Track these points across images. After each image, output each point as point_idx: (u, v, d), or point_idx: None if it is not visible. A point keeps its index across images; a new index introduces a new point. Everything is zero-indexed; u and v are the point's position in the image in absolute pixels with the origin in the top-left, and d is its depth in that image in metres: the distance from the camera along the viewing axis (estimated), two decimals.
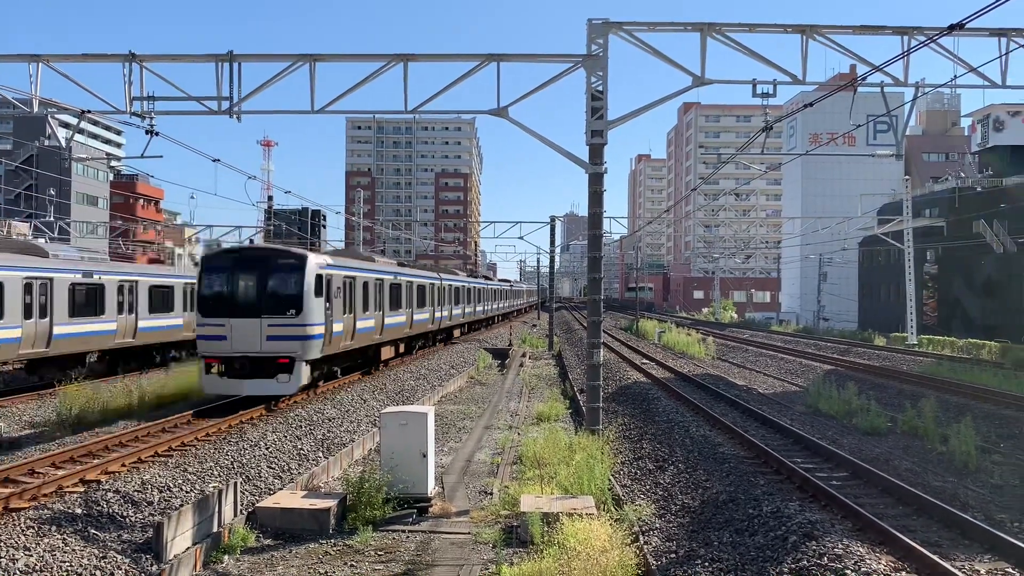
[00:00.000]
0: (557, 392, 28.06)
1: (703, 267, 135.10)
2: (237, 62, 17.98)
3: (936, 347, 48.00)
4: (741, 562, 10.26)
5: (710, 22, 17.44)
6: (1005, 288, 62.58)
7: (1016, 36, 17.76)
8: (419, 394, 25.84)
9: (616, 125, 17.57)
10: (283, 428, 17.75)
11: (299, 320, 20.32)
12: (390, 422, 13.28)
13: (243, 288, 20.66)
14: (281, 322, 20.15)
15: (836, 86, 19.44)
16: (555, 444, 15.93)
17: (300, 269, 20.68)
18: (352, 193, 59.59)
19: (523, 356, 41.57)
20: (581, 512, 11.46)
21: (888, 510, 12.40)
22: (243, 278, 20.69)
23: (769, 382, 32.95)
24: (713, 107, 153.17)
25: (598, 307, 17.82)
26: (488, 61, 17.79)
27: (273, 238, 49.21)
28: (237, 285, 20.68)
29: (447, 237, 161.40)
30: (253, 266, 20.79)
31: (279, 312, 20.23)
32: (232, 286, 20.68)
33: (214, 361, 20.29)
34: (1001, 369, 34.12)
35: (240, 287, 20.67)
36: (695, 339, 49.13)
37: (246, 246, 28.86)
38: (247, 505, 12.70)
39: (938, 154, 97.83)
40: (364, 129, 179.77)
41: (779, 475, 14.63)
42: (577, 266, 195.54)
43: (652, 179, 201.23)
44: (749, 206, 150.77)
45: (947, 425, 19.30)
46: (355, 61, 18.68)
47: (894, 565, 9.50)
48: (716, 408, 22.84)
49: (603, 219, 18.00)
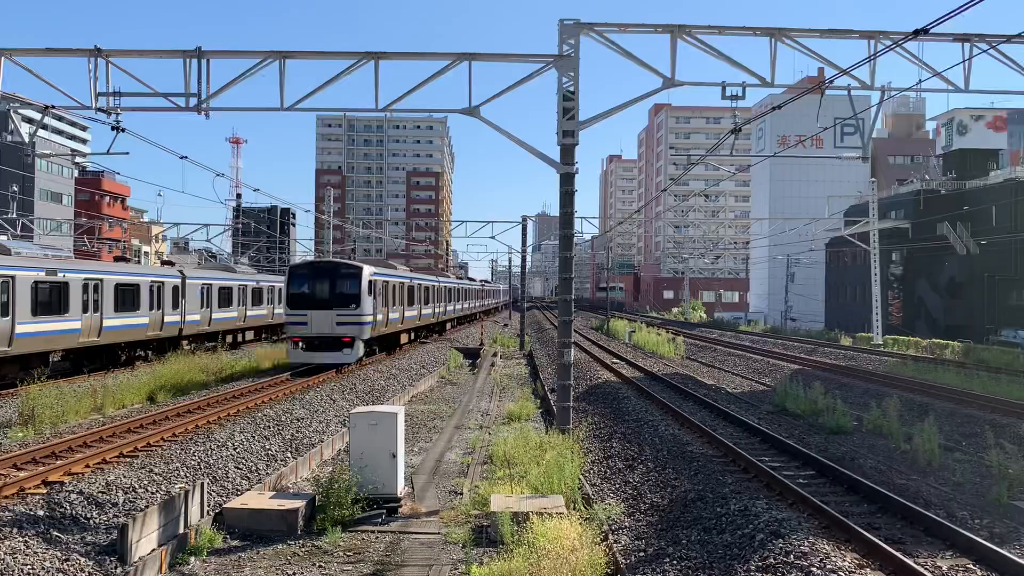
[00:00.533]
0: (528, 391, 28.10)
1: (673, 267, 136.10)
2: (206, 58, 17.76)
3: (901, 347, 48.73)
4: (709, 560, 10.35)
5: (680, 24, 17.56)
6: (968, 289, 63.75)
7: (979, 41, 18.08)
8: (389, 394, 25.75)
9: (587, 126, 17.62)
10: (251, 428, 17.59)
11: (358, 312, 28.52)
12: (359, 422, 13.21)
13: (319, 289, 28.61)
14: (346, 313, 28.27)
15: (804, 89, 19.67)
16: (525, 443, 15.96)
17: (358, 276, 29.01)
18: (322, 191, 59.24)
19: (494, 356, 41.57)
20: (551, 511, 11.49)
21: (853, 508, 12.57)
22: (319, 282, 28.77)
23: (737, 381, 33.27)
24: (683, 109, 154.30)
25: (569, 307, 17.87)
26: (460, 60, 17.77)
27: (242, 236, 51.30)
28: (315, 287, 28.67)
29: (418, 236, 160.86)
30: (326, 274, 29.15)
31: (344, 306, 28.36)
32: (311, 288, 28.66)
33: (298, 340, 28.12)
34: (964, 369, 34.73)
35: (317, 288, 28.63)
36: (665, 338, 49.46)
37: (320, 260, 37.71)
38: (214, 506, 12.57)
39: (903, 157, 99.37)
40: (334, 127, 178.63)
41: (747, 474, 14.77)
42: (549, 266, 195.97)
43: (623, 179, 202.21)
44: (718, 207, 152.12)
45: (911, 424, 19.63)
46: (326, 59, 18.54)
47: (859, 562, 9.63)
48: (685, 407, 23.01)
49: (574, 219, 18.06)
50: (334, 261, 33.07)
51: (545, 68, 17.54)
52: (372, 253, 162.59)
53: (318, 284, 28.78)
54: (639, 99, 18.60)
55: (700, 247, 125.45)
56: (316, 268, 30.20)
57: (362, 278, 28.93)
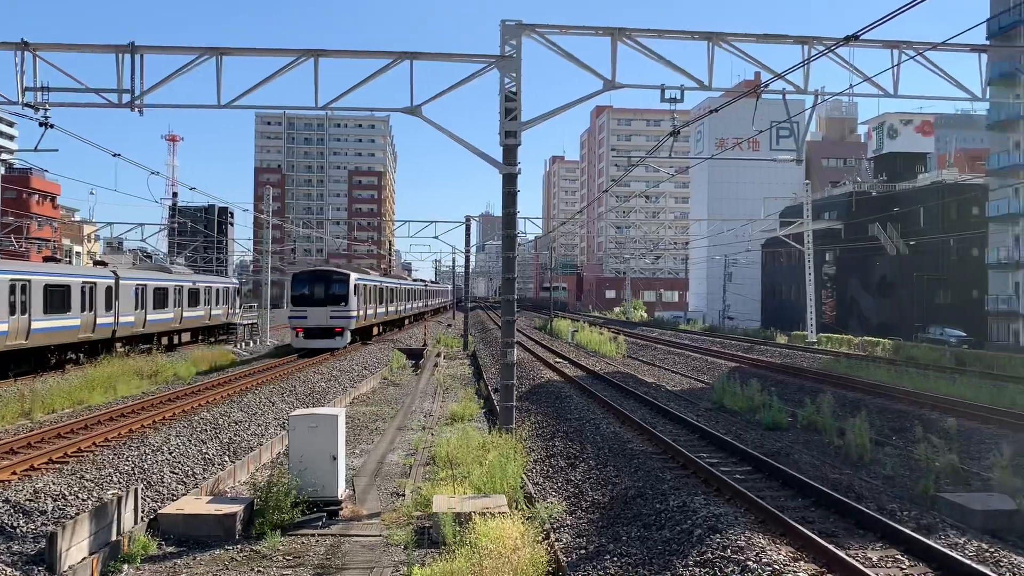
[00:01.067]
0: (471, 392, 28.07)
1: (615, 267, 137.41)
2: (139, 53, 17.34)
3: (834, 344, 50.05)
4: (648, 556, 10.49)
5: (621, 27, 17.76)
6: (898, 288, 65.86)
7: (907, 48, 18.69)
8: (330, 396, 25.46)
9: (529, 126, 17.70)
10: (187, 432, 17.22)
11: (347, 308, 36.74)
12: (299, 424, 13.04)
13: (316, 291, 36.63)
14: (337, 309, 36.41)
15: (740, 92, 20.06)
16: (468, 444, 15.95)
17: (347, 281, 37.05)
18: (261, 190, 58.29)
19: (438, 356, 41.43)
20: (493, 511, 11.50)
21: (789, 502, 12.87)
22: (316, 285, 36.89)
23: (677, 379, 33.76)
24: (625, 111, 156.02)
25: (512, 307, 17.91)
26: (401, 59, 17.67)
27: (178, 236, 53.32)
28: (313, 289, 36.71)
29: (360, 236, 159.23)
30: (322, 279, 37.33)
31: (336, 304, 36.48)
32: (310, 290, 36.73)
33: (300, 330, 36.37)
34: (894, 365, 35.85)
35: (315, 290, 36.67)
36: (607, 338, 49.93)
37: (317, 268, 43.36)
38: (149, 512, 12.27)
39: (837, 160, 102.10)
40: (274, 125, 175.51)
41: (686, 470, 15.01)
42: (493, 266, 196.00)
43: (566, 180, 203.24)
44: (659, 208, 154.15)
45: (844, 419, 20.18)
46: (264, 55, 18.26)
47: (793, 555, 9.87)
48: (626, 405, 23.27)
49: (517, 219, 18.11)
50: (328, 269, 40.58)
51: (487, 68, 17.55)
52: (313, 253, 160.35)
53: (315, 287, 36.83)
54: (580, 101, 18.79)
55: (641, 247, 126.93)
56: (314, 274, 38.32)
57: (350, 282, 37.07)
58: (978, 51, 20.26)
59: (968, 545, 10.54)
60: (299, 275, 38.47)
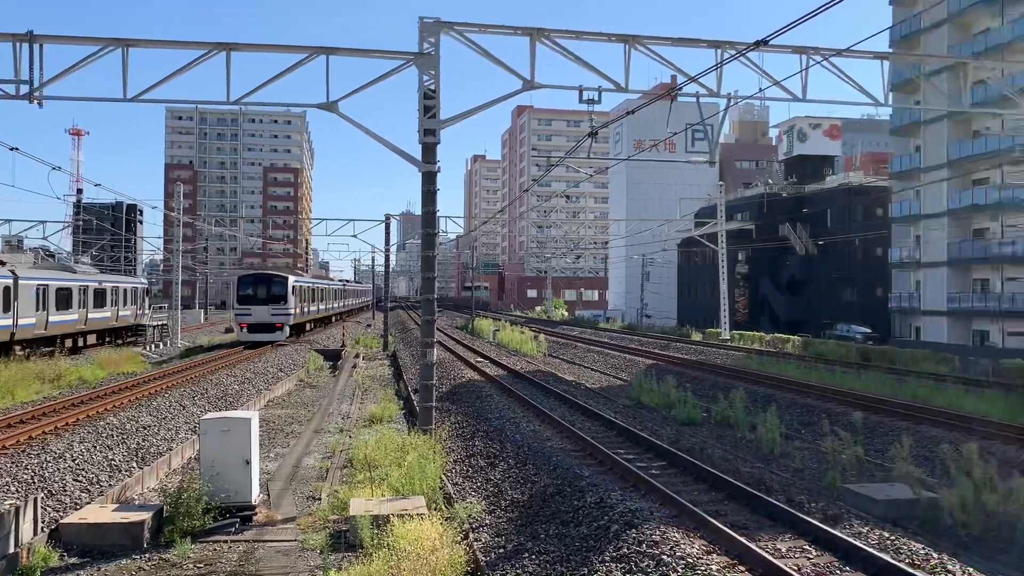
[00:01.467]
0: (391, 393, 27.81)
1: (536, 266, 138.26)
2: (39, 43, 16.59)
3: (746, 341, 51.48)
4: (566, 553, 10.56)
5: (540, 28, 17.86)
6: (807, 287, 68.23)
7: (814, 54, 19.34)
8: (244, 399, 24.85)
9: (449, 124, 17.64)
10: (92, 438, 16.53)
11: (286, 307, 41.30)
12: (211, 428, 12.67)
13: (259, 291, 41.04)
14: (277, 307, 40.98)
15: (656, 95, 20.43)
16: (387, 445, 15.77)
17: (285, 283, 41.56)
18: (172, 187, 56.54)
19: (356, 357, 40.92)
20: (412, 512, 11.41)
21: (702, 496, 13.15)
22: (259, 286, 41.26)
23: (596, 377, 34.19)
24: (545, 111, 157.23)
25: (432, 306, 17.82)
26: (317, 54, 17.37)
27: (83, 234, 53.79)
28: (256, 290, 41.08)
29: (276, 235, 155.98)
30: (264, 280, 41.69)
31: (276, 303, 40.99)
32: (254, 290, 41.08)
33: (244, 325, 40.95)
34: (803, 361, 37.11)
35: (258, 291, 41.05)
36: (528, 337, 50.19)
37: (260, 271, 47.42)
38: (50, 522, 11.73)
39: (749, 161, 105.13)
40: (185, 120, 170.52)
41: (603, 466, 15.19)
42: (413, 265, 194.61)
43: (488, 179, 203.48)
44: (579, 208, 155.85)
45: (755, 414, 20.77)
46: (174, 48, 17.71)
47: (706, 548, 10.09)
48: (546, 403, 23.41)
49: (438, 218, 18.03)
50: (270, 272, 44.57)
51: (405, 65, 17.41)
52: (227, 252, 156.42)
53: (258, 287, 41.21)
54: (499, 100, 18.81)
55: (562, 247, 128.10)
56: (257, 276, 42.83)
57: (288, 284, 41.72)
58: (881, 58, 21.12)
59: (871, 534, 10.95)
60: (244, 277, 43.39)
